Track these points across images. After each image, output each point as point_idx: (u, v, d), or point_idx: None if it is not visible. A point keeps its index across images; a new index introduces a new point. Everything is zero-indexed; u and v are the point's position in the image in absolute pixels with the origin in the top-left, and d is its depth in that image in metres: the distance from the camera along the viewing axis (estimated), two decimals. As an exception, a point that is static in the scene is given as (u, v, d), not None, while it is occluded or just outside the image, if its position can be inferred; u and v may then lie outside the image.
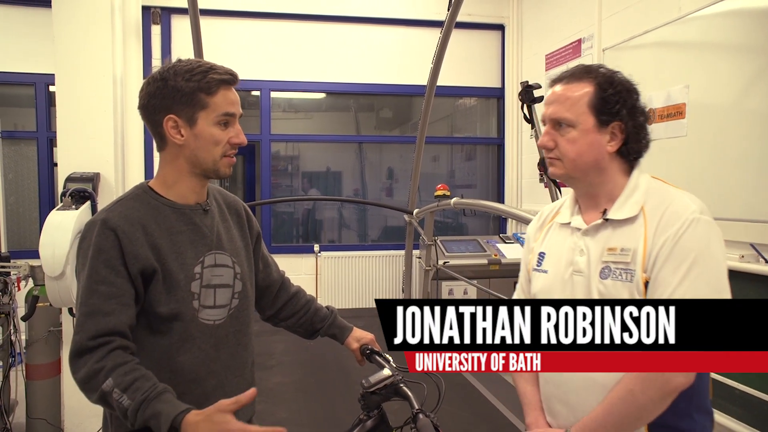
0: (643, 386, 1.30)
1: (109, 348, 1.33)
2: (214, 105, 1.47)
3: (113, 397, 1.28)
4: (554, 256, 1.54)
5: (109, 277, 1.38)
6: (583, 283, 1.43)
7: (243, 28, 6.49)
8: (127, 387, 1.29)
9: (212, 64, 1.50)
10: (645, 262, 1.34)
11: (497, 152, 7.26)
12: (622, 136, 1.45)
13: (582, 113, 1.43)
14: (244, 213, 1.73)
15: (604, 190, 1.47)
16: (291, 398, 3.57)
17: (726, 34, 3.56)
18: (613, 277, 1.38)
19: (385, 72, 6.79)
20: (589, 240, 1.46)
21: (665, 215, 1.36)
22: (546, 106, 1.49)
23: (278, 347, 4.48)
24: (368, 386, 1.59)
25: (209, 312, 1.51)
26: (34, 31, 5.77)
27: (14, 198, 6.11)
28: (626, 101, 1.44)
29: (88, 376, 1.31)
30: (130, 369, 1.32)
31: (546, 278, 1.54)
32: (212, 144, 1.48)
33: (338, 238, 7.26)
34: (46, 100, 6.02)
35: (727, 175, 3.48)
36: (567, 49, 5.60)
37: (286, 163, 7.19)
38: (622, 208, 1.43)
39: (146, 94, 1.48)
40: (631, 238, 1.38)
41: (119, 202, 1.50)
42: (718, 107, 3.57)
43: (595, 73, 1.45)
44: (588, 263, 1.43)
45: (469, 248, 6.26)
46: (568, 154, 1.45)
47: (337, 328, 1.88)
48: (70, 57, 3.79)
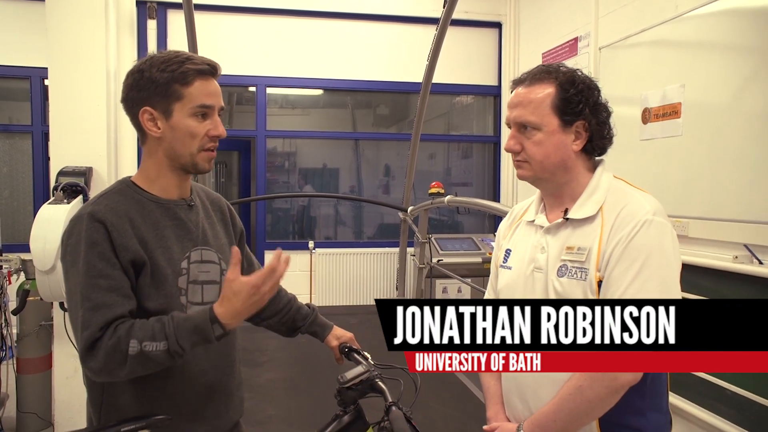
0: (591, 383, 1.33)
1: (115, 326, 1.32)
2: (190, 96, 1.43)
3: (147, 350, 1.29)
4: (519, 253, 1.57)
5: (106, 269, 1.35)
6: (542, 280, 1.47)
7: (239, 23, 6.47)
8: (151, 335, 1.30)
9: (190, 55, 1.46)
10: (599, 262, 1.37)
11: (493, 150, 7.25)
12: (587, 134, 1.46)
13: (546, 115, 1.44)
14: (228, 211, 1.72)
15: (568, 189, 1.49)
16: (281, 395, 3.56)
17: (722, 33, 3.55)
18: (569, 276, 1.41)
19: (382, 69, 6.78)
20: (550, 238, 1.49)
21: (620, 216, 1.38)
22: (509, 109, 1.50)
23: (270, 344, 4.47)
24: (344, 382, 1.61)
25: (197, 309, 1.47)
26: (29, 24, 5.75)
27: (8, 191, 6.10)
28: (588, 99, 1.45)
29: (107, 355, 1.29)
30: (141, 324, 1.33)
31: (510, 274, 1.57)
32: (188, 136, 1.44)
33: (334, 234, 7.25)
34: (41, 93, 6.00)
35: (722, 176, 3.47)
36: (564, 48, 5.59)
37: (283, 160, 7.18)
38: (582, 207, 1.45)
39: (125, 87, 1.46)
40: (588, 237, 1.41)
41: (103, 196, 1.47)
42: (714, 107, 3.56)
43: (556, 73, 1.46)
44: (547, 261, 1.46)
45: (463, 246, 6.26)
46: (535, 157, 1.46)
47: (318, 326, 1.88)
48: (63, 51, 3.77)
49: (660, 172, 3.91)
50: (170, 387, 1.46)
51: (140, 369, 1.32)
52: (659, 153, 3.94)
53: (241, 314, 1.34)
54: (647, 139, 4.05)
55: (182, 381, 1.47)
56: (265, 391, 3.58)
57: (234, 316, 1.33)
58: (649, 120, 4.05)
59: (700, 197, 3.59)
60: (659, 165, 3.93)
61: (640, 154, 4.05)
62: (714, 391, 3.31)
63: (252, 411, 3.29)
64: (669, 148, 3.87)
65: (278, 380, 3.79)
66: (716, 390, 3.29)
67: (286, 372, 3.95)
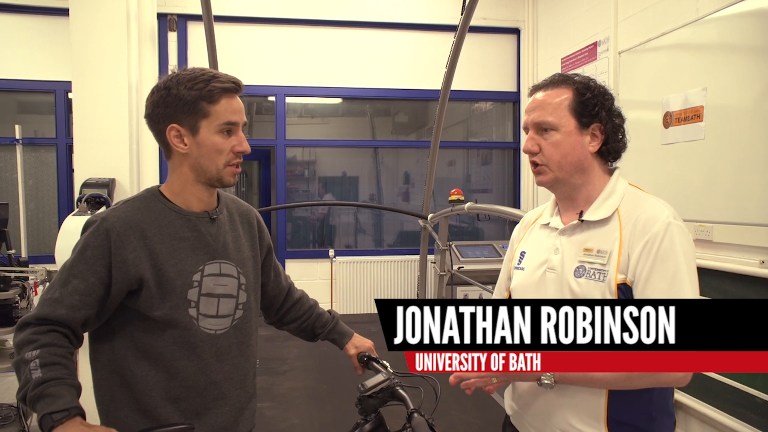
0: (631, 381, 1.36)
1: (51, 328, 1.35)
2: (216, 113, 1.46)
3: (29, 366, 1.29)
4: (532, 254, 1.61)
5: (85, 273, 1.39)
6: (555, 280, 1.50)
7: (258, 34, 6.53)
8: (47, 364, 1.30)
9: (216, 73, 1.49)
10: (620, 264, 1.40)
11: (513, 156, 7.22)
12: (602, 136, 1.52)
13: (564, 116, 1.49)
14: (256, 224, 1.73)
15: (584, 193, 1.53)
16: (303, 403, 3.56)
17: (745, 35, 3.50)
18: (587, 277, 1.43)
19: (401, 77, 6.80)
20: (564, 239, 1.53)
21: (640, 219, 1.41)
22: (527, 113, 1.56)
23: (291, 352, 4.48)
24: (364, 390, 1.61)
25: (211, 321, 1.50)
26: (54, 39, 5.89)
27: (34, 203, 6.21)
28: (604, 104, 1.51)
29: (22, 342, 1.33)
30: (61, 354, 1.33)
31: (522, 275, 1.61)
32: (215, 152, 1.48)
33: (354, 243, 7.25)
34: (65, 107, 6.12)
35: (746, 179, 3.41)
36: (583, 53, 5.56)
37: (303, 168, 7.21)
38: (597, 210, 1.49)
39: (150, 104, 1.49)
40: (607, 240, 1.44)
41: (126, 203, 1.51)
42: (737, 110, 3.51)
43: (572, 80, 1.53)
44: (562, 262, 1.50)
45: (484, 253, 6.23)
46: (553, 157, 1.50)
47: (337, 334, 1.90)
48: (86, 64, 3.85)
49: (682, 177, 3.86)
50: (174, 391, 1.47)
51: (16, 372, 1.34)
52: (681, 157, 3.89)
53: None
54: (669, 143, 4.00)
55: (188, 388, 1.48)
56: (287, 400, 3.59)
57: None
58: (671, 124, 4.00)
59: (724, 201, 3.53)
60: (681, 169, 3.88)
61: (662, 159, 4.00)
62: (728, 392, 3.25)
63: (274, 420, 3.30)
64: (691, 152, 3.82)
65: (299, 389, 3.79)
66: (731, 391, 3.23)
67: (307, 380, 3.95)
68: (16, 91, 6.22)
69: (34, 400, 1.25)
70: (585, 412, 1.43)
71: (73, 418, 1.23)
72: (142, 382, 1.45)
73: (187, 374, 1.47)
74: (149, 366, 1.45)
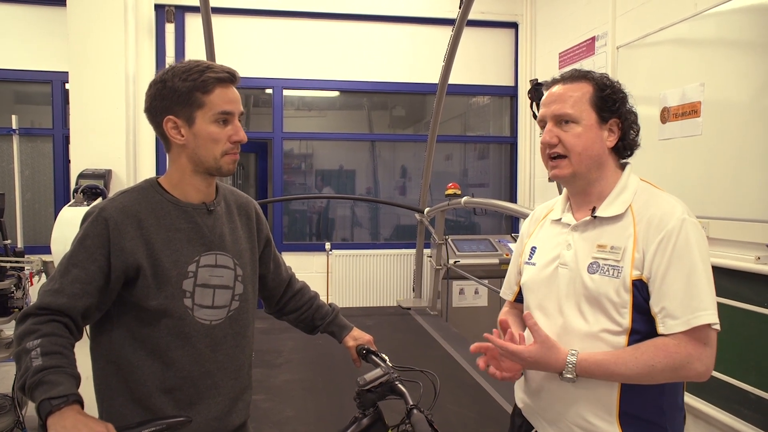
0: (665, 364, 1.35)
1: (52, 318, 1.36)
2: (211, 103, 1.48)
3: (29, 355, 1.28)
4: (544, 249, 1.62)
5: (85, 262, 1.41)
6: (568, 276, 1.51)
7: (256, 26, 6.51)
8: (48, 353, 1.29)
9: (210, 64, 1.51)
10: (634, 260, 1.41)
11: (510, 151, 7.22)
12: (619, 132, 1.53)
13: (585, 110, 1.50)
14: (255, 215, 1.74)
15: (597, 188, 1.54)
16: (298, 396, 3.56)
17: (743, 30, 3.50)
18: (601, 273, 1.44)
19: (398, 70, 6.78)
20: (577, 235, 1.53)
21: (655, 216, 1.43)
22: (545, 106, 1.56)
23: (287, 345, 4.48)
24: (363, 384, 1.61)
25: (206, 312, 1.52)
26: (51, 29, 5.86)
27: (30, 194, 6.19)
28: (622, 100, 1.53)
29: (23, 333, 1.33)
30: (62, 344, 1.33)
31: (533, 270, 1.61)
32: (211, 142, 1.49)
33: (350, 236, 7.26)
34: (62, 97, 6.09)
35: (743, 175, 3.42)
36: (581, 47, 5.55)
37: (300, 161, 7.20)
38: (610, 206, 1.50)
39: (148, 97, 1.51)
40: (621, 237, 1.45)
41: (124, 194, 1.53)
42: (734, 106, 3.52)
43: (591, 75, 1.55)
44: (575, 257, 1.50)
45: (480, 247, 6.23)
46: (575, 148, 1.50)
47: (336, 326, 1.92)
48: (83, 55, 3.84)
49: (679, 172, 3.87)
50: (169, 381, 1.48)
51: (17, 362, 1.33)
52: (679, 152, 3.90)
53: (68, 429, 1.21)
54: (666, 138, 4.01)
55: (183, 378, 1.50)
56: (283, 393, 3.59)
57: (62, 428, 1.21)
58: (668, 119, 4.01)
59: (721, 197, 3.55)
60: (678, 164, 3.89)
61: (660, 154, 4.01)
62: (722, 388, 3.27)
63: (270, 412, 3.30)
64: (688, 147, 3.83)
65: (295, 381, 3.79)
66: (724, 386, 3.25)
67: (304, 373, 3.96)
68: (12, 81, 6.18)
69: (33, 387, 1.25)
70: (597, 404, 1.44)
71: (71, 405, 1.23)
72: (137, 372, 1.46)
73: (182, 364, 1.49)
74: (145, 356, 1.46)
